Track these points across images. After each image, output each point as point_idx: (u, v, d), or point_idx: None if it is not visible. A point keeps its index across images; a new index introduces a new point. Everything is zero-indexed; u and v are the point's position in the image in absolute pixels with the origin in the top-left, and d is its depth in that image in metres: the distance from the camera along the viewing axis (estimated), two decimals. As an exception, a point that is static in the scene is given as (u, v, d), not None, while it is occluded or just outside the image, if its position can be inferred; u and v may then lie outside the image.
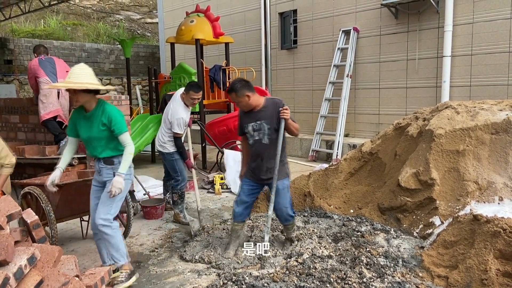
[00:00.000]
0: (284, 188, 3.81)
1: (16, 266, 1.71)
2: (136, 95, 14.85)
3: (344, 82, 8.83)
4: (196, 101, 4.92)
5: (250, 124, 3.79)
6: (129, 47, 10.13)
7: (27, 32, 15.76)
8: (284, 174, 3.83)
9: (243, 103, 3.75)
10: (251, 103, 3.74)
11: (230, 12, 11.63)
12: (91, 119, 3.36)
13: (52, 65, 6.43)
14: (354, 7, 9.01)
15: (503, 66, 7.13)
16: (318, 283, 3.22)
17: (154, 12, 20.10)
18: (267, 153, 3.76)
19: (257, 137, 3.77)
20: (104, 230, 3.37)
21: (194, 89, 4.85)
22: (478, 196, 4.03)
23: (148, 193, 5.75)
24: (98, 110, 3.35)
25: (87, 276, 2.08)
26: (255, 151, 3.81)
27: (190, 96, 4.86)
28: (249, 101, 3.73)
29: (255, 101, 3.76)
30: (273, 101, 3.82)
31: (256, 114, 3.78)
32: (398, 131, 5.21)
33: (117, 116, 3.32)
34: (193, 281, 3.48)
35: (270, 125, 3.72)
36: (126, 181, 3.42)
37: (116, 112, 3.34)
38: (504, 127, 4.29)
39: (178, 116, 4.79)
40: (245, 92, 3.69)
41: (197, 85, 5.00)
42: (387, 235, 4.11)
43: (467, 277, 3.16)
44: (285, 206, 3.83)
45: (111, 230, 3.39)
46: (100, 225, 3.36)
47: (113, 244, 3.42)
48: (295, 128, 3.75)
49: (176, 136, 4.87)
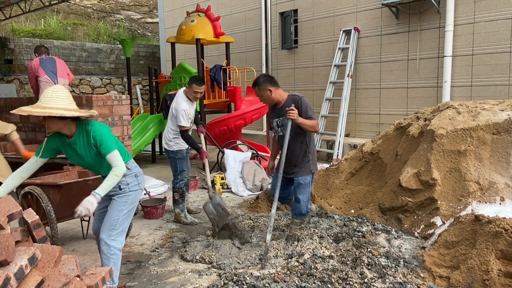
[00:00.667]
0: (306, 183, 3.93)
1: (17, 266, 1.70)
2: (137, 95, 14.84)
3: (344, 82, 8.82)
4: (199, 94, 4.88)
5: (275, 120, 3.97)
6: (129, 47, 10.12)
7: (28, 31, 15.75)
8: (308, 170, 3.93)
9: (264, 97, 3.91)
10: (273, 97, 3.89)
11: (230, 12, 11.63)
12: (76, 146, 2.98)
13: (52, 65, 6.45)
14: (354, 7, 9.00)
15: (504, 66, 7.12)
16: (319, 283, 3.21)
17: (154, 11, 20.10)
18: (291, 149, 3.85)
19: (281, 133, 3.91)
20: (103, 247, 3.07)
21: (197, 83, 4.82)
22: (480, 197, 4.02)
23: (148, 193, 5.74)
24: (81, 134, 2.95)
25: (88, 276, 2.07)
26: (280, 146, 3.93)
27: (193, 90, 4.82)
28: (271, 95, 3.88)
29: (278, 96, 3.90)
30: (293, 98, 3.91)
31: (279, 110, 3.92)
32: (399, 131, 5.20)
33: (103, 135, 2.92)
34: (194, 281, 3.47)
35: (292, 121, 3.76)
36: (135, 192, 3.17)
37: (100, 131, 2.93)
38: (506, 127, 4.28)
39: (180, 108, 4.78)
40: (267, 86, 3.84)
41: (200, 78, 4.96)
42: (388, 236, 4.10)
43: (468, 277, 3.15)
44: (303, 200, 3.94)
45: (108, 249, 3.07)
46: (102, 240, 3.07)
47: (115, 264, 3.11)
48: (309, 126, 3.76)
49: (182, 129, 4.82)
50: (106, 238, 3.05)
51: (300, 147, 3.90)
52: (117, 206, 3.11)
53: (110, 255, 3.07)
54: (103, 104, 5.49)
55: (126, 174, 3.10)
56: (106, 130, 2.99)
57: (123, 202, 3.12)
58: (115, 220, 3.08)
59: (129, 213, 3.18)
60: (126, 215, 3.14)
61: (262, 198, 5.38)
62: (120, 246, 3.11)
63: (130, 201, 3.15)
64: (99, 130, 2.94)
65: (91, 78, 14.58)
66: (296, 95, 3.90)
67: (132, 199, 3.17)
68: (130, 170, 3.15)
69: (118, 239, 3.10)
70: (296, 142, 3.86)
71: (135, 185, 3.18)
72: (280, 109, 3.88)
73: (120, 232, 3.11)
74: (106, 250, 3.06)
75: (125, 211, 3.13)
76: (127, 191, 3.13)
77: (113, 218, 3.09)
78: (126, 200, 3.13)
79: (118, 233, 3.10)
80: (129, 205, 3.16)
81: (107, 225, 3.08)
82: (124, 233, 3.18)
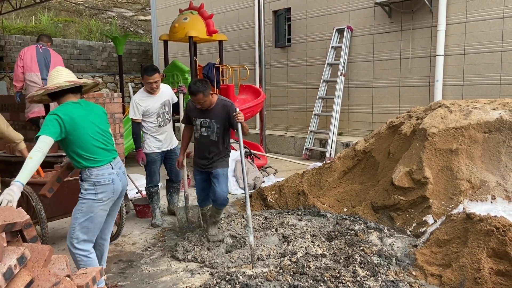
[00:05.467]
0: (224, 174, 4.10)
1: (6, 266, 1.68)
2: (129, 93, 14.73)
3: (337, 81, 8.83)
4: (153, 84, 4.62)
5: (199, 120, 4.04)
6: (121, 45, 10.04)
7: (18, 28, 15.58)
8: (226, 164, 4.16)
9: (207, 102, 3.95)
10: (212, 100, 3.99)
11: (223, 9, 11.59)
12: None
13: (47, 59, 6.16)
14: (348, 5, 9.01)
15: (495, 65, 7.17)
16: (312, 282, 3.21)
17: (147, 9, 19.97)
18: (213, 148, 4.05)
19: (205, 133, 4.04)
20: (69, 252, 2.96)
21: (147, 73, 4.60)
22: (471, 195, 4.05)
23: (140, 191, 5.71)
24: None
25: (78, 276, 2.04)
26: (201, 145, 4.09)
27: (145, 81, 4.62)
28: (212, 98, 3.98)
29: (214, 100, 4.01)
30: (224, 103, 4.03)
31: (207, 112, 4.01)
32: (391, 130, 5.21)
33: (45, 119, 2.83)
34: (186, 280, 3.45)
35: (220, 125, 3.98)
36: (90, 202, 2.92)
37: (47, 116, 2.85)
38: (497, 126, 4.31)
39: (132, 98, 4.72)
40: (209, 91, 3.91)
41: (150, 67, 4.67)
42: (380, 234, 4.11)
43: (460, 275, 3.17)
44: (223, 190, 4.06)
45: (73, 255, 2.96)
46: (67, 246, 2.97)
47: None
48: (247, 129, 4.04)
49: (133, 121, 4.69)
50: (69, 244, 2.96)
51: (226, 148, 4.14)
52: (74, 213, 2.98)
53: (77, 261, 2.97)
54: (94, 102, 5.44)
55: (84, 179, 2.96)
56: (50, 116, 2.80)
57: (78, 210, 2.95)
58: (72, 228, 2.95)
59: (88, 223, 2.94)
60: (84, 224, 2.93)
61: (255, 196, 5.38)
62: (84, 253, 2.94)
63: (85, 210, 2.93)
64: (48, 114, 2.85)
65: (83, 76, 14.46)
66: (226, 101, 4.08)
67: (87, 209, 2.93)
68: (89, 177, 2.93)
69: (80, 247, 2.94)
70: (219, 141, 4.05)
71: (91, 193, 2.93)
72: (208, 111, 4.00)
73: (81, 241, 2.94)
74: (72, 256, 2.97)
75: (81, 220, 2.92)
76: (81, 198, 2.96)
77: (71, 225, 2.97)
78: (81, 208, 2.95)
79: (79, 242, 2.94)
80: (84, 215, 2.93)
81: (69, 231, 2.98)
82: (88, 242, 2.98)
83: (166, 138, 4.83)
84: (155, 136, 4.76)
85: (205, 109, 4.00)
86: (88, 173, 2.94)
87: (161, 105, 4.76)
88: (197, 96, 3.86)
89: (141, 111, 4.65)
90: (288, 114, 10.43)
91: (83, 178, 2.96)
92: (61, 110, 2.85)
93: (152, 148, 4.76)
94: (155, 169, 4.87)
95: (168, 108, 4.86)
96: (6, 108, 6.90)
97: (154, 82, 4.62)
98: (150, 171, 4.87)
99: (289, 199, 5.13)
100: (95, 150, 2.96)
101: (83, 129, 2.91)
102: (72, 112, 2.88)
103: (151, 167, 4.84)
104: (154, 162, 4.83)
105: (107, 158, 3.03)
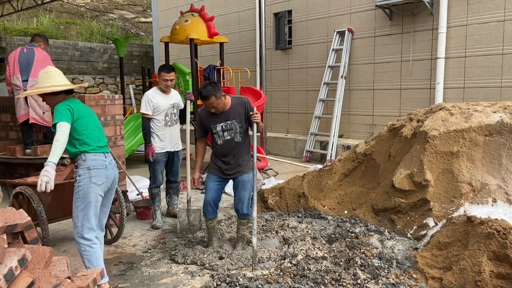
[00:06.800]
0: (249, 181, 3.89)
1: (7, 268, 1.68)
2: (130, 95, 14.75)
3: (338, 83, 8.83)
4: (169, 82, 4.74)
5: (219, 125, 3.85)
6: (122, 46, 10.05)
7: (20, 30, 15.60)
8: (250, 168, 3.92)
9: (221, 105, 3.79)
10: (226, 102, 3.83)
11: (224, 12, 11.61)
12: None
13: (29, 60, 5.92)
14: (348, 8, 9.02)
15: (496, 68, 7.18)
16: (312, 284, 3.21)
17: (148, 11, 20.01)
18: (238, 150, 3.88)
19: (228, 137, 3.85)
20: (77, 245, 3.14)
21: (165, 70, 4.74)
22: (472, 198, 4.04)
23: (141, 193, 5.70)
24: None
25: (79, 278, 2.04)
26: (226, 150, 3.89)
27: (162, 78, 4.73)
28: (225, 100, 3.82)
29: (228, 101, 3.86)
30: (240, 101, 3.88)
31: (224, 114, 3.84)
32: (392, 132, 5.21)
33: (55, 110, 3.08)
34: (186, 283, 3.45)
35: (241, 124, 3.83)
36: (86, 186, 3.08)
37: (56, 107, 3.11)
38: (498, 129, 4.31)
39: (145, 94, 4.77)
40: (221, 93, 3.76)
41: (167, 66, 4.84)
42: (381, 236, 4.10)
43: (461, 278, 3.17)
44: (248, 198, 3.90)
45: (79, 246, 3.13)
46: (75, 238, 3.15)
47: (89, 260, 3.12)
48: (262, 128, 3.94)
49: (143, 116, 4.76)
50: (75, 235, 3.13)
51: (248, 147, 3.97)
52: (74, 203, 3.14)
53: (81, 252, 3.11)
54: (95, 104, 5.45)
55: (79, 165, 3.14)
56: (61, 107, 3.07)
57: (76, 198, 3.11)
58: (76, 217, 3.11)
59: (86, 208, 3.09)
60: (84, 210, 3.08)
61: (259, 199, 5.37)
62: (88, 242, 3.09)
63: (81, 196, 3.09)
64: (57, 106, 3.10)
65: (84, 78, 14.48)
66: (242, 98, 3.93)
67: (84, 194, 3.09)
68: (84, 161, 3.13)
69: (85, 236, 3.09)
70: (244, 143, 3.91)
71: (85, 178, 3.10)
72: (226, 113, 3.84)
73: (86, 229, 3.09)
74: (77, 247, 3.13)
75: (81, 206, 3.09)
76: (77, 186, 3.12)
77: (74, 214, 3.13)
78: (78, 195, 3.10)
79: (84, 230, 3.09)
80: (82, 200, 3.09)
81: (73, 222, 3.15)
82: (91, 229, 3.12)
83: (171, 139, 4.88)
84: (159, 135, 4.81)
85: (220, 112, 3.83)
86: (83, 157, 3.14)
87: (171, 106, 4.86)
88: (210, 100, 3.69)
89: (152, 107, 4.73)
90: (289, 116, 10.44)
91: (78, 164, 3.15)
92: (70, 102, 3.17)
93: (156, 148, 4.81)
94: (159, 169, 4.93)
95: (176, 110, 4.95)
96: (7, 109, 6.92)
97: (170, 80, 4.77)
98: (153, 171, 4.92)
99: (290, 201, 5.12)
100: (94, 138, 3.23)
101: (87, 119, 3.24)
102: (78, 104, 3.25)
103: (155, 167, 4.90)
104: (158, 163, 4.88)
105: (102, 149, 3.28)
